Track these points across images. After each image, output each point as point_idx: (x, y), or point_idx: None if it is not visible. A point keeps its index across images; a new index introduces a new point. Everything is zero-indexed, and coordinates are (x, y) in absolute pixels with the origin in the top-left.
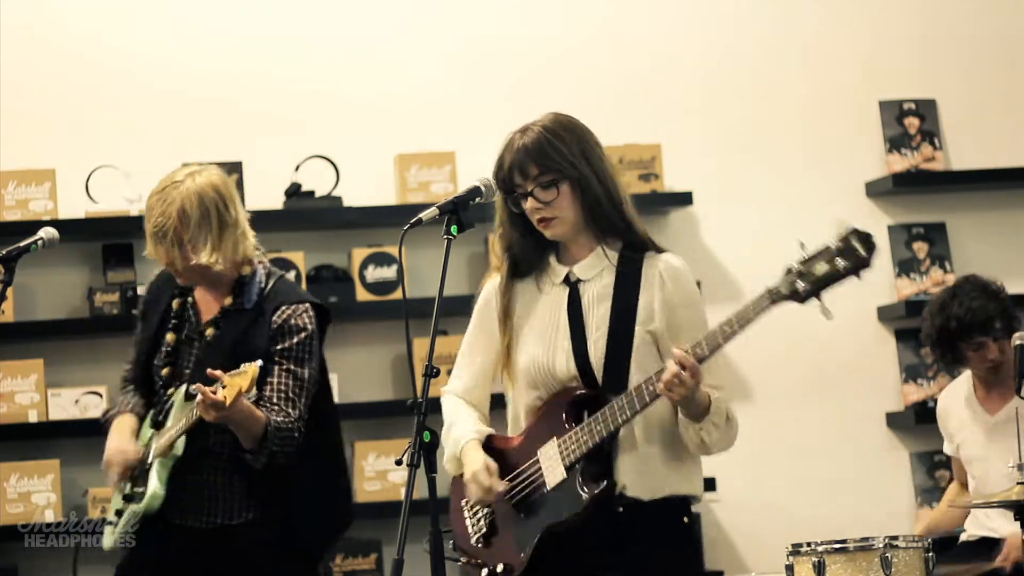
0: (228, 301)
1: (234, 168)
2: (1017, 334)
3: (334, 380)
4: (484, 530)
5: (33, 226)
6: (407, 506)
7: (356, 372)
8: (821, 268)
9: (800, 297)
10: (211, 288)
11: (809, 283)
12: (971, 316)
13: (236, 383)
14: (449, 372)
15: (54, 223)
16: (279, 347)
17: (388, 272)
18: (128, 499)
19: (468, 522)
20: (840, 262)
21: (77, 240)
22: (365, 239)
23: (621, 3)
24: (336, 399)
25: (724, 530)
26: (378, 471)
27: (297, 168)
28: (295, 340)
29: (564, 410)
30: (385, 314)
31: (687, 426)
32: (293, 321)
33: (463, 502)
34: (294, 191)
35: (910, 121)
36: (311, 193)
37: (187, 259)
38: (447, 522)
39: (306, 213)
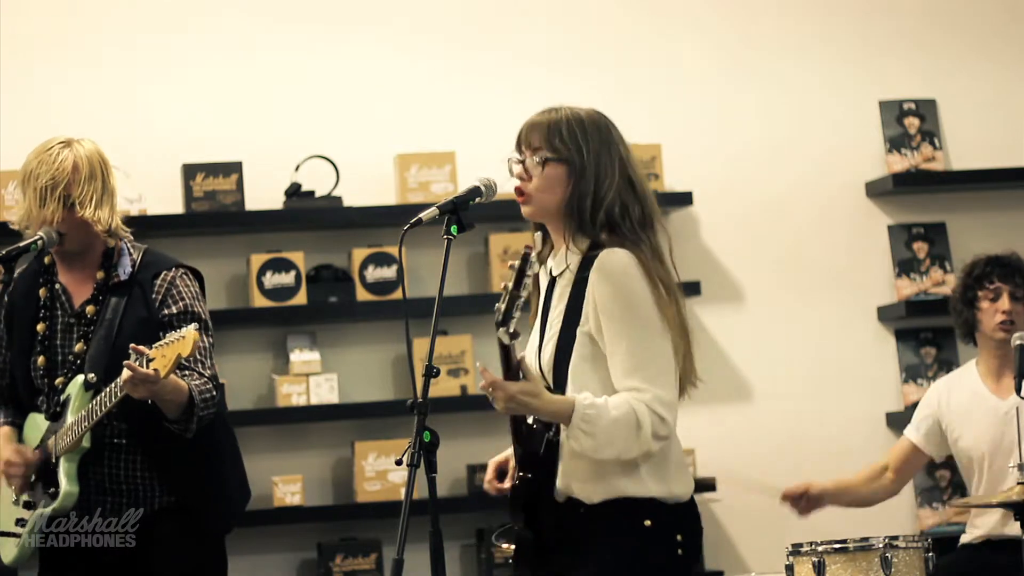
0: (100, 275)
1: (234, 168)
2: (1017, 334)
3: (334, 380)
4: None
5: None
6: (407, 506)
7: (356, 372)
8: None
9: (498, 319)
10: (78, 266)
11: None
12: (996, 259)
13: (174, 350)
14: (449, 372)
15: None
16: (172, 312)
17: (388, 272)
18: (28, 506)
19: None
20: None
21: None
22: (365, 239)
23: (621, 3)
24: (336, 399)
25: (724, 530)
26: (378, 471)
27: (297, 168)
28: (185, 302)
29: None
30: (385, 314)
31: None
32: (177, 284)
33: None
34: (294, 191)
35: (910, 121)
36: (311, 193)
37: (72, 215)
38: (446, 521)
39: (306, 213)
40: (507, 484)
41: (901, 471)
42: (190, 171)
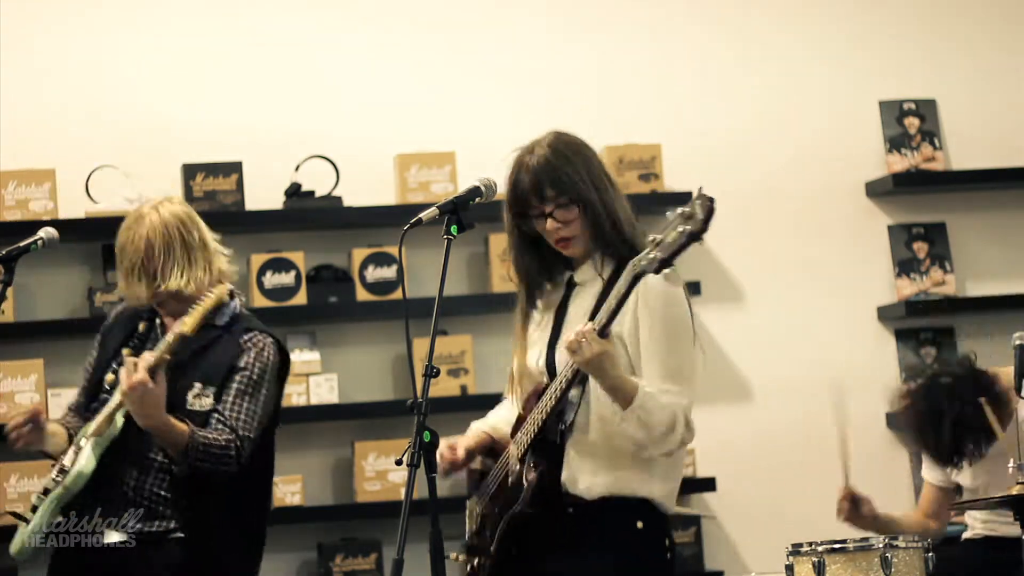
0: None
1: (234, 168)
2: (1017, 334)
3: (334, 380)
4: (476, 526)
5: (33, 226)
6: (407, 506)
7: (356, 372)
8: (671, 235)
9: (654, 268)
10: (183, 312)
11: (660, 251)
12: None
13: (201, 306)
14: (449, 372)
15: (54, 223)
16: (242, 364)
17: (388, 272)
18: (46, 492)
19: (467, 518)
20: (682, 228)
21: (77, 240)
22: (365, 239)
23: (621, 3)
24: (336, 399)
25: (724, 530)
26: (378, 471)
27: (297, 168)
28: (259, 365)
29: (530, 405)
30: (385, 314)
31: (617, 414)
32: (262, 348)
33: (468, 499)
34: (294, 191)
35: (910, 121)
36: (311, 193)
37: (156, 289)
38: (446, 521)
39: (306, 213)
40: (448, 458)
41: (939, 516)
42: (190, 171)
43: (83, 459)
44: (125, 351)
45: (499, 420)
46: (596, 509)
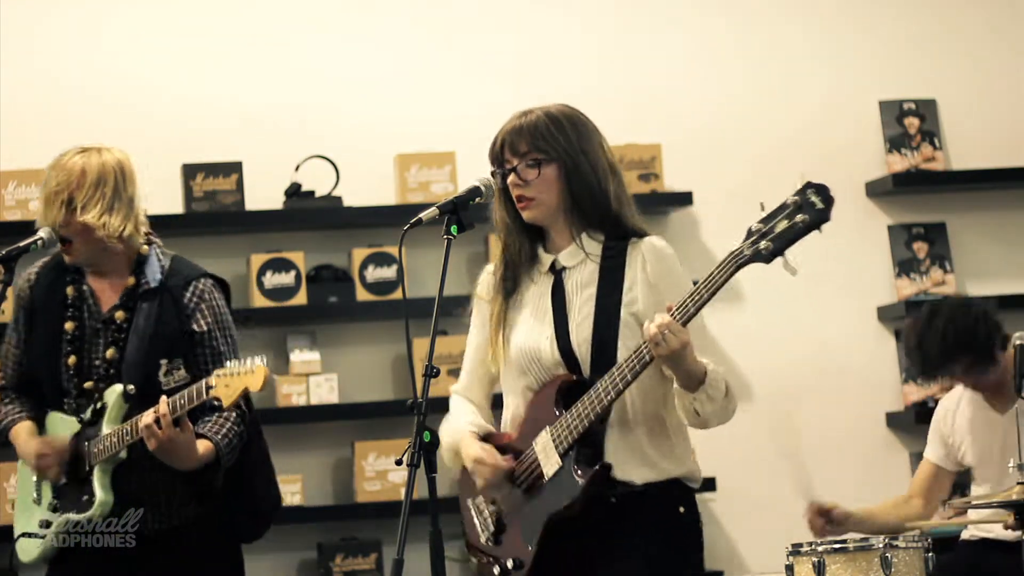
0: (131, 281)
1: (234, 168)
2: (1017, 334)
3: (334, 380)
4: (493, 528)
5: (33, 226)
6: (407, 506)
7: (356, 372)
8: (781, 225)
9: (764, 257)
10: (104, 271)
11: (771, 241)
12: (926, 366)
13: (242, 382)
14: (449, 372)
15: None
16: (200, 328)
17: (388, 272)
18: (55, 509)
19: (476, 521)
20: (799, 217)
21: None
22: (365, 239)
23: (621, 4)
24: (336, 399)
25: (724, 530)
26: (378, 471)
27: (297, 168)
28: (215, 320)
29: (553, 398)
30: (385, 314)
31: (682, 396)
32: (207, 298)
33: (469, 500)
34: (294, 191)
35: (910, 121)
36: (311, 193)
37: (73, 219)
38: (446, 521)
39: (306, 213)
40: (505, 464)
41: (928, 494)
42: (190, 171)
43: (100, 491)
44: (68, 324)
45: (476, 417)
46: (641, 496)
